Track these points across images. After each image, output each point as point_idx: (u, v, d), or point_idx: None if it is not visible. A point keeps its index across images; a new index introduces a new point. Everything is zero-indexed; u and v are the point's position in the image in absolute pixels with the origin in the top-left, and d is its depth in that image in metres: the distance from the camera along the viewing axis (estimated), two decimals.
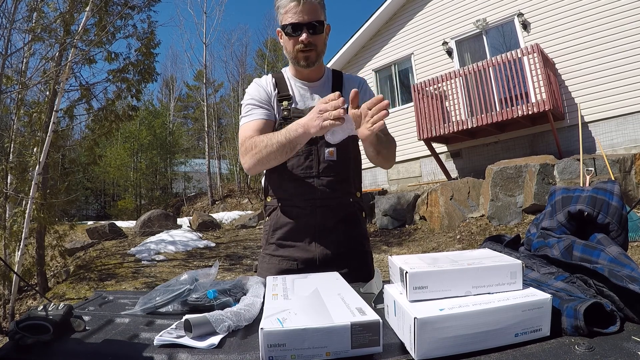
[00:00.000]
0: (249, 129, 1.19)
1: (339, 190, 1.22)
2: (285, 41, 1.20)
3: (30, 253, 5.42)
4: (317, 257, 1.19)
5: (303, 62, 1.19)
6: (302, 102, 1.25)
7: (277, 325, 0.56)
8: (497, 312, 0.57)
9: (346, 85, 1.29)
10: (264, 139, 1.11)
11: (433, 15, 8.59)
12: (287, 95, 1.24)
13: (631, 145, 6.14)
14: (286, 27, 1.16)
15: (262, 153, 1.10)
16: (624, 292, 0.60)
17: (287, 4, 1.14)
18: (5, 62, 4.78)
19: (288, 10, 1.14)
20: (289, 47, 1.20)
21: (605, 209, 0.79)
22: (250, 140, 1.14)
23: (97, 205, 21.12)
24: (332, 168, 1.21)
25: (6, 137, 5.14)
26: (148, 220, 8.78)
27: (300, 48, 1.17)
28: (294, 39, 1.17)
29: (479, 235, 5.34)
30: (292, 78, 1.28)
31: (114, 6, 5.83)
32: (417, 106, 7.32)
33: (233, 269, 5.74)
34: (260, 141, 1.11)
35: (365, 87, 1.33)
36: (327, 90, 1.26)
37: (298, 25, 1.14)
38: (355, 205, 1.27)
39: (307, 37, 1.15)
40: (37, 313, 0.68)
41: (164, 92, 27.34)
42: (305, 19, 1.14)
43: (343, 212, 1.23)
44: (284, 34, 1.18)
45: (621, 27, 6.21)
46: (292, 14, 1.14)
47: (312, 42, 1.17)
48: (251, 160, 1.14)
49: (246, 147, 1.15)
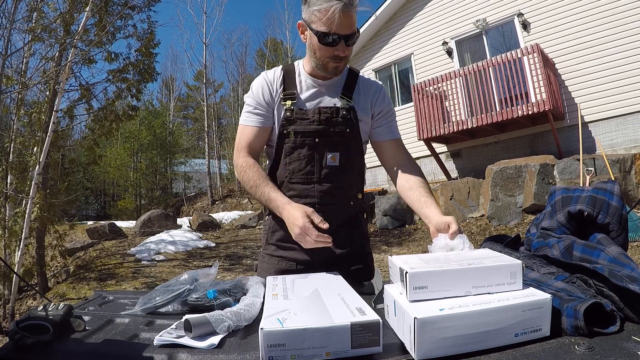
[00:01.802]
0: (245, 134, 1.20)
1: (340, 195, 1.20)
2: (314, 44, 1.10)
3: (30, 253, 5.42)
4: (316, 261, 1.17)
5: (332, 72, 1.14)
6: (309, 101, 1.19)
7: (277, 325, 0.56)
8: (497, 312, 0.57)
9: (361, 89, 1.23)
10: (253, 177, 1.14)
11: (433, 15, 8.59)
12: (292, 94, 1.19)
13: (631, 145, 6.14)
14: (325, 36, 1.06)
15: (247, 186, 1.17)
16: (624, 292, 0.60)
17: (328, 8, 1.02)
18: (5, 62, 4.77)
19: (329, 17, 1.02)
20: (318, 52, 1.11)
21: (605, 209, 0.79)
22: (243, 163, 1.17)
23: (97, 205, 21.12)
24: (334, 174, 1.18)
25: (6, 137, 5.14)
26: (148, 220, 8.78)
27: (334, 59, 1.10)
28: (329, 48, 1.08)
29: (479, 235, 5.34)
30: (303, 73, 1.21)
31: (114, 6, 5.83)
32: (417, 106, 7.31)
33: (233, 269, 5.74)
34: (250, 179, 1.15)
35: (382, 94, 1.25)
36: (338, 89, 1.21)
37: (337, 36, 1.06)
38: (357, 207, 1.25)
39: (344, 51, 1.09)
40: (37, 313, 0.68)
41: (163, 92, 27.34)
42: (346, 30, 1.05)
43: (344, 215, 1.21)
44: (318, 40, 1.08)
45: (621, 27, 6.20)
46: (331, 22, 1.03)
47: (347, 55, 1.11)
48: (240, 180, 1.20)
49: (240, 167, 1.18)
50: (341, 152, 1.18)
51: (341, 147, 1.18)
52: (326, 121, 1.17)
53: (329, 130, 1.17)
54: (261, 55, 23.18)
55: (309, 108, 1.18)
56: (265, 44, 21.17)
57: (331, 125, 1.17)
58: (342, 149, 1.18)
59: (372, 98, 1.23)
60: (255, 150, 1.21)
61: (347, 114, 1.19)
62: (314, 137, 1.16)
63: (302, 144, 1.17)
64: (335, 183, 1.18)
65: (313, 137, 1.16)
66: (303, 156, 1.17)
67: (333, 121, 1.17)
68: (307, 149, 1.16)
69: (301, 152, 1.17)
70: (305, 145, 1.16)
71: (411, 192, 1.15)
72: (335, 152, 1.17)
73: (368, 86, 1.25)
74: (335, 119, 1.17)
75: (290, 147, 1.17)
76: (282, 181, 1.20)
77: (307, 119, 1.17)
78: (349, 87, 1.22)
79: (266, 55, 20.79)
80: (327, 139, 1.17)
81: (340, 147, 1.18)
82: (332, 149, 1.17)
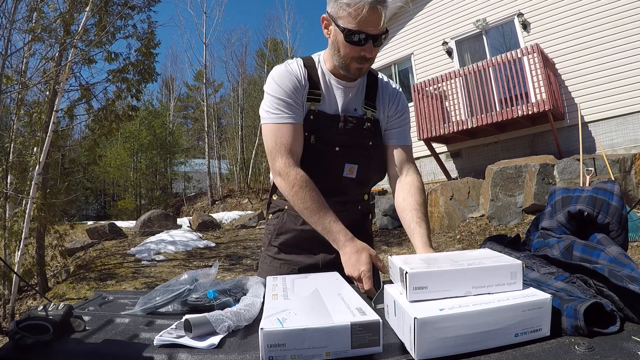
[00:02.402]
0: (281, 136, 1.04)
1: (350, 202, 1.17)
2: (339, 41, 1.01)
3: (30, 253, 5.42)
4: (319, 262, 1.15)
5: (355, 73, 1.06)
6: (333, 105, 1.11)
7: (277, 325, 0.56)
8: (497, 312, 0.57)
9: (381, 92, 1.17)
10: (311, 199, 1.00)
11: (433, 15, 8.59)
12: (317, 95, 1.09)
13: (631, 145, 6.14)
14: (353, 34, 0.97)
15: (300, 207, 1.02)
16: (624, 292, 0.60)
17: (359, 5, 0.94)
18: (5, 62, 4.77)
19: (358, 13, 0.94)
20: (343, 50, 1.02)
21: (605, 209, 0.79)
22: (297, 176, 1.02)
23: (97, 205, 21.12)
24: (349, 186, 1.12)
25: (6, 137, 5.14)
26: (148, 220, 8.78)
27: (359, 60, 1.02)
28: (356, 47, 1.00)
29: (479, 235, 5.33)
30: (327, 71, 1.12)
31: (114, 6, 5.83)
32: (417, 106, 7.32)
33: (233, 269, 5.74)
34: (305, 200, 1.00)
35: (397, 97, 1.19)
36: (360, 95, 1.14)
37: (365, 35, 0.98)
38: (363, 209, 1.23)
39: (371, 52, 1.01)
40: (37, 313, 0.68)
41: (163, 92, 27.32)
42: (376, 30, 0.97)
43: (351, 219, 1.15)
44: (344, 37, 0.99)
45: (621, 27, 6.20)
46: (361, 20, 0.95)
47: (373, 56, 1.04)
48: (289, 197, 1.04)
49: (289, 182, 1.02)
50: (360, 164, 1.11)
51: (361, 160, 1.12)
52: (350, 131, 1.09)
53: (351, 141, 1.10)
54: (261, 55, 23.17)
55: (332, 113, 1.11)
56: (265, 44, 21.17)
57: (355, 136, 1.10)
58: (362, 162, 1.12)
59: (390, 101, 1.18)
60: (297, 154, 1.06)
61: (372, 126, 1.12)
62: (335, 146, 1.09)
63: (320, 152, 1.08)
64: (347, 196, 1.14)
65: (334, 145, 1.09)
66: (320, 164, 1.08)
67: (357, 133, 1.10)
68: (325, 158, 1.08)
69: (318, 160, 1.09)
70: (324, 153, 1.09)
71: (404, 213, 1.08)
72: (354, 164, 1.10)
73: (386, 90, 1.19)
74: (360, 130, 1.10)
75: (308, 153, 1.08)
76: None
77: (330, 126, 1.09)
78: (371, 93, 1.15)
79: (266, 55, 20.79)
80: (348, 149, 1.10)
81: (360, 159, 1.12)
82: (352, 161, 1.10)
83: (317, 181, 1.04)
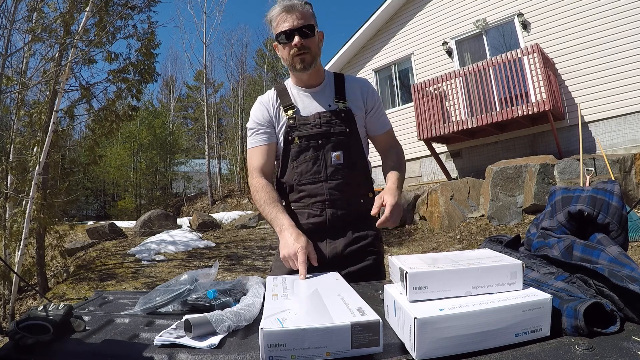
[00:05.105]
0: (254, 156, 1.29)
1: (348, 191, 1.26)
2: (281, 50, 1.25)
3: (30, 253, 5.42)
4: (326, 256, 1.22)
5: (299, 65, 1.22)
6: (306, 109, 1.29)
7: (277, 326, 0.56)
8: (497, 312, 0.57)
9: (348, 88, 1.32)
10: (264, 197, 1.21)
11: (433, 15, 8.59)
12: (290, 104, 1.29)
13: (631, 145, 6.14)
14: (279, 36, 1.21)
15: (258, 205, 1.24)
16: (624, 292, 0.60)
17: (277, 14, 1.20)
18: (5, 62, 4.78)
19: (279, 20, 1.20)
20: (284, 54, 1.24)
21: (605, 209, 0.79)
22: (255, 183, 1.25)
23: (97, 205, 21.11)
24: (340, 171, 1.26)
25: (6, 137, 5.14)
26: (148, 220, 8.78)
27: (295, 52, 1.21)
28: (288, 45, 1.21)
29: (479, 235, 5.33)
30: (294, 87, 1.32)
31: (114, 6, 5.83)
32: (417, 106, 7.31)
33: (233, 269, 5.74)
34: (260, 198, 1.22)
35: (369, 90, 1.35)
36: (329, 94, 1.30)
37: (290, 32, 1.19)
38: (367, 205, 1.28)
39: (299, 40, 1.19)
40: (37, 313, 0.68)
41: (164, 92, 27.33)
42: (295, 24, 1.18)
43: (353, 213, 1.26)
44: (279, 43, 1.23)
45: (621, 27, 6.20)
46: (282, 23, 1.19)
47: (305, 45, 1.20)
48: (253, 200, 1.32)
49: (253, 188, 1.26)
50: (343, 150, 1.26)
51: (343, 146, 1.27)
52: (327, 123, 1.26)
53: (330, 132, 1.26)
54: (261, 55, 23.18)
55: (308, 114, 1.28)
56: (265, 44, 21.16)
57: (331, 126, 1.26)
58: (344, 148, 1.27)
59: (363, 94, 1.33)
60: (267, 169, 1.29)
61: (345, 115, 1.28)
62: (317, 139, 1.25)
63: (307, 147, 1.25)
64: (342, 179, 1.26)
65: (316, 139, 1.25)
66: (309, 158, 1.25)
67: (333, 123, 1.27)
68: (312, 151, 1.25)
69: (307, 154, 1.25)
70: (310, 147, 1.25)
71: (384, 170, 1.31)
72: (338, 150, 1.26)
73: (355, 84, 1.35)
74: (335, 120, 1.27)
75: (296, 152, 1.26)
76: (292, 184, 1.27)
77: (309, 124, 1.26)
78: (339, 90, 1.31)
79: (266, 55, 20.80)
80: (330, 139, 1.26)
81: (342, 146, 1.27)
82: (335, 149, 1.26)
83: (311, 171, 1.25)
